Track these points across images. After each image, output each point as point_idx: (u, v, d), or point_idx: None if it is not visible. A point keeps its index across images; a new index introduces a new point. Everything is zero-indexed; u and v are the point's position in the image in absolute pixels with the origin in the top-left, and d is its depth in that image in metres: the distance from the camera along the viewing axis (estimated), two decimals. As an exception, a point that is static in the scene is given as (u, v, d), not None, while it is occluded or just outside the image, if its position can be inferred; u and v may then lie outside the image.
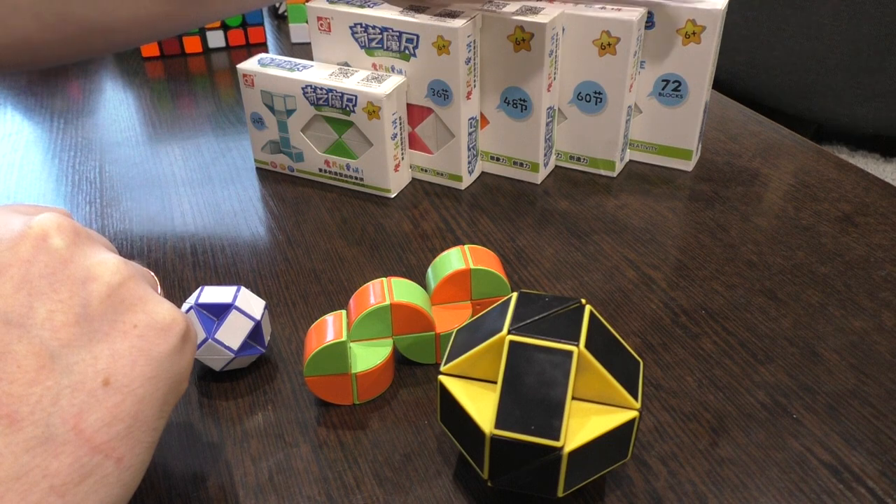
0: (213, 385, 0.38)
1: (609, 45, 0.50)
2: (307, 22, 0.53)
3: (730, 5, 1.43)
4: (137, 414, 0.25)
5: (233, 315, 0.36)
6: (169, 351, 0.26)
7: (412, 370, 0.39)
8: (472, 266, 0.38)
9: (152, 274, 0.30)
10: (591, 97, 0.53)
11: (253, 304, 0.37)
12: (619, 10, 0.50)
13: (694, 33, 0.50)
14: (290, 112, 0.53)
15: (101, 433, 0.24)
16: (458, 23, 0.48)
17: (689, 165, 0.56)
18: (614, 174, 0.55)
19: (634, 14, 0.49)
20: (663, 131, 0.55)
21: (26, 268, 0.24)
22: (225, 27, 0.79)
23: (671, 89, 0.53)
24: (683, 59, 0.52)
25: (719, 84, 1.48)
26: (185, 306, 0.37)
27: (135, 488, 0.25)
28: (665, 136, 0.56)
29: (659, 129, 0.56)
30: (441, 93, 0.51)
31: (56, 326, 0.24)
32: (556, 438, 0.28)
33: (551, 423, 0.28)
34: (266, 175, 0.57)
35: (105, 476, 0.24)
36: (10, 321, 0.23)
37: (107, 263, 0.26)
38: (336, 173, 0.54)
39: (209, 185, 0.56)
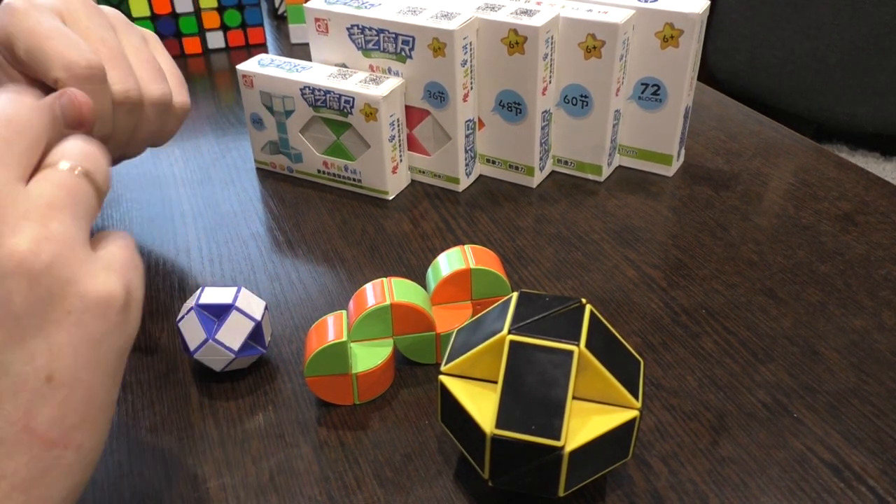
0: (214, 385, 0.38)
1: (595, 48, 0.50)
2: (306, 22, 0.53)
3: (729, 5, 1.43)
4: (90, 400, 0.24)
5: (233, 316, 0.36)
6: (110, 328, 0.24)
7: (413, 370, 0.39)
8: (472, 266, 0.38)
9: (122, 235, 0.27)
10: (577, 100, 0.53)
11: (253, 304, 0.37)
12: (606, 12, 0.49)
13: (672, 37, 0.50)
14: (288, 113, 0.53)
15: (54, 429, 0.23)
16: (453, 25, 0.48)
17: (669, 171, 0.56)
18: (601, 178, 0.55)
19: (620, 17, 0.49)
20: (643, 135, 0.55)
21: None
22: (224, 28, 0.79)
23: (650, 93, 0.53)
24: (662, 63, 0.51)
25: (719, 83, 1.48)
26: (186, 307, 0.37)
27: (97, 463, 0.25)
28: (645, 140, 0.55)
29: (639, 133, 0.55)
30: (437, 95, 0.51)
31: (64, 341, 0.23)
32: (557, 438, 0.27)
33: (552, 422, 0.28)
34: (266, 175, 0.57)
35: (68, 465, 0.24)
36: (16, 336, 0.22)
37: (21, 253, 0.23)
38: (334, 174, 0.54)
39: (209, 185, 0.56)
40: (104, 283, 0.24)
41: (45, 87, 0.40)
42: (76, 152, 0.27)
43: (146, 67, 0.41)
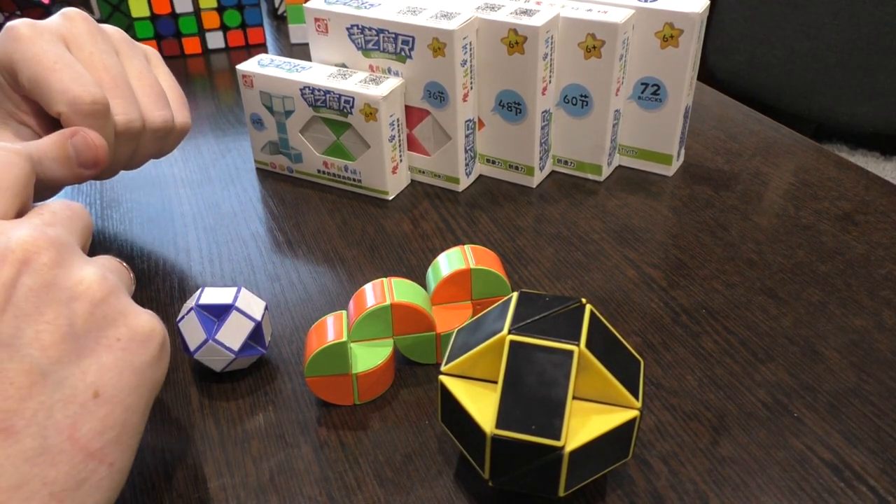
0: (214, 386, 0.38)
1: (594, 47, 0.50)
2: (306, 22, 0.53)
3: (729, 5, 1.43)
4: (126, 421, 0.26)
5: (233, 316, 0.36)
6: (150, 360, 0.28)
7: (413, 370, 0.39)
8: (472, 266, 0.38)
9: (125, 267, 0.31)
10: (576, 100, 0.53)
11: (253, 304, 0.37)
12: (606, 12, 0.49)
13: (672, 36, 0.50)
14: (288, 113, 0.53)
15: (95, 441, 0.25)
16: (453, 24, 0.48)
17: (669, 171, 0.56)
18: (601, 178, 0.55)
19: (620, 17, 0.49)
20: (643, 135, 0.55)
21: (10, 292, 0.25)
22: (224, 28, 0.79)
23: (650, 93, 0.53)
24: (662, 63, 0.51)
25: (719, 83, 1.48)
26: (186, 307, 0.37)
27: (122, 487, 0.27)
28: (645, 140, 0.55)
29: (639, 132, 0.55)
30: (437, 95, 0.51)
31: (45, 345, 0.25)
32: (557, 438, 0.27)
33: (552, 422, 0.28)
34: (266, 175, 0.57)
35: (99, 480, 0.25)
36: (0, 342, 0.24)
37: (88, 281, 0.27)
38: (334, 175, 0.54)
39: (209, 185, 0.56)
40: (149, 320, 0.28)
41: (46, 114, 0.40)
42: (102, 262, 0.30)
43: (149, 93, 0.42)
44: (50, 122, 0.41)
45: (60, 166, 0.37)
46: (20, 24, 0.39)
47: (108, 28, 0.43)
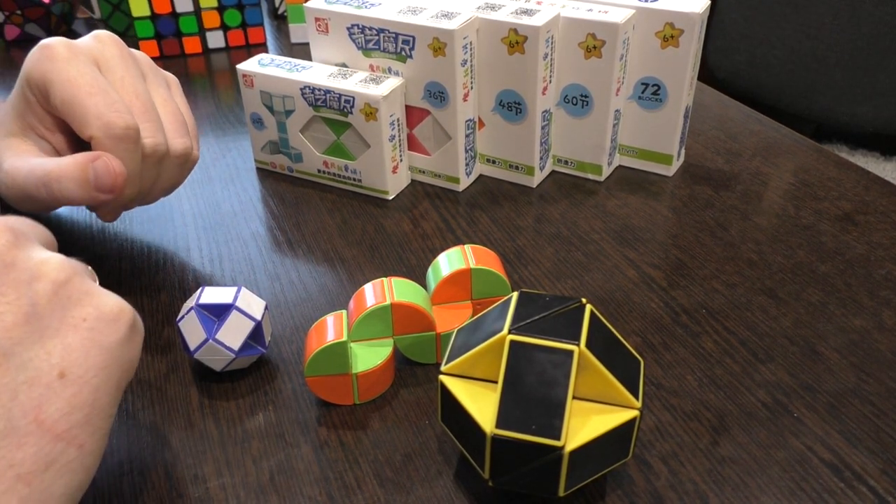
0: (214, 385, 0.38)
1: (595, 47, 0.50)
2: (306, 22, 0.53)
3: (729, 5, 1.43)
4: (94, 402, 0.26)
5: (233, 315, 0.36)
6: (119, 340, 0.27)
7: (413, 370, 0.39)
8: (472, 265, 0.38)
9: (90, 269, 0.31)
10: (577, 100, 0.53)
11: (253, 304, 0.37)
12: (606, 12, 0.49)
13: (672, 37, 0.50)
14: (288, 113, 0.53)
15: (62, 422, 0.25)
16: (453, 24, 0.48)
17: (669, 171, 0.56)
18: (601, 178, 0.55)
19: (620, 17, 0.49)
20: (643, 135, 0.55)
21: None
22: (224, 27, 0.79)
23: (650, 93, 0.53)
24: (662, 63, 0.51)
25: (719, 83, 1.48)
26: (186, 307, 0.37)
27: (94, 471, 0.27)
28: (645, 140, 0.55)
29: (639, 132, 0.55)
30: (437, 95, 0.51)
31: (6, 326, 0.24)
32: (557, 438, 0.27)
33: (552, 422, 0.28)
34: (266, 175, 0.57)
35: (68, 462, 0.25)
36: None
37: (50, 262, 0.27)
38: (334, 174, 0.54)
39: (209, 185, 0.56)
40: (116, 302, 0.28)
41: (66, 132, 0.41)
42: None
43: (171, 120, 0.43)
44: (68, 141, 0.42)
45: (78, 187, 0.38)
46: (56, 44, 0.40)
47: (137, 53, 0.43)
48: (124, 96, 0.40)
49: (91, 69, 0.39)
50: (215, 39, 0.80)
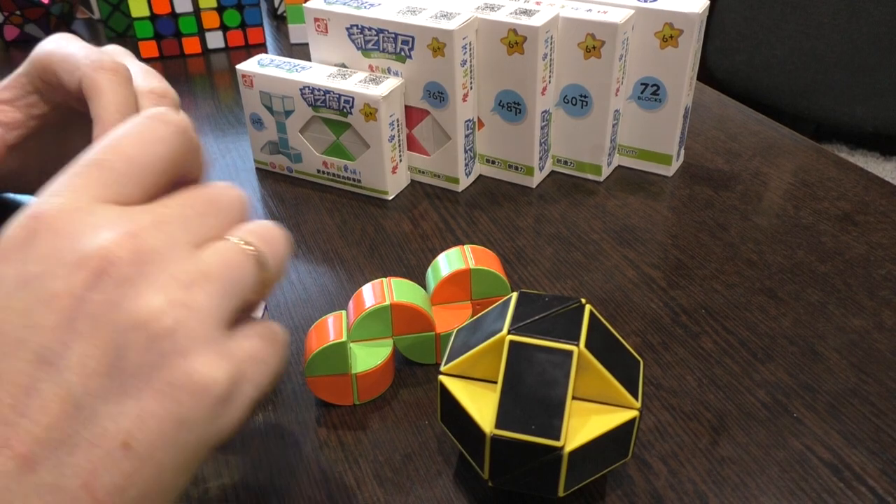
0: (214, 386, 0.38)
1: (594, 47, 0.50)
2: (305, 22, 0.53)
3: (729, 5, 1.43)
4: (155, 481, 0.23)
5: (233, 316, 0.36)
6: (202, 416, 0.23)
7: (412, 370, 0.39)
8: (472, 266, 0.38)
9: (278, 241, 0.26)
10: (576, 100, 0.53)
11: (253, 304, 0.37)
12: (605, 12, 0.49)
13: (671, 37, 0.50)
14: (288, 113, 0.53)
15: (112, 497, 0.22)
16: (453, 25, 0.48)
17: (669, 171, 0.56)
18: (601, 178, 0.55)
19: (620, 17, 0.49)
20: (643, 135, 0.55)
21: (74, 303, 0.22)
22: (224, 28, 0.79)
23: (650, 93, 0.53)
24: (662, 63, 0.51)
25: (719, 83, 1.48)
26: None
27: None
28: (645, 140, 0.55)
29: (639, 132, 0.55)
30: (437, 95, 0.51)
31: (87, 374, 0.21)
32: (557, 438, 0.27)
33: (552, 422, 0.28)
34: (266, 175, 0.57)
35: None
36: (44, 358, 0.21)
37: (157, 310, 0.22)
38: (334, 175, 0.54)
39: (209, 186, 0.56)
40: (209, 368, 0.23)
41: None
42: (256, 233, 0.26)
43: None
44: (20, 121, 0.43)
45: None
46: (59, 34, 0.41)
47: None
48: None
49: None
50: (215, 40, 0.80)
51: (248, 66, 0.54)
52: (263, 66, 0.53)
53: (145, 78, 0.41)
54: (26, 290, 0.22)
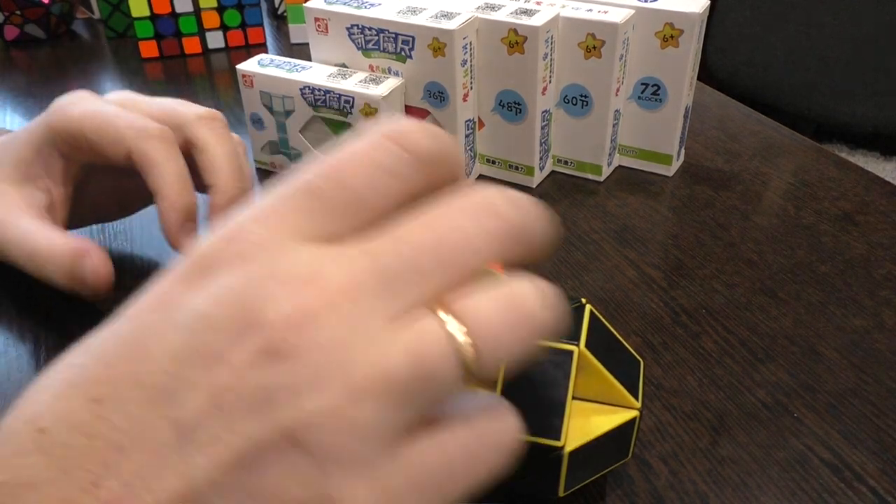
0: (214, 386, 0.38)
1: (594, 47, 0.50)
2: (306, 22, 0.53)
3: (729, 5, 1.43)
4: None
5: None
6: None
7: (412, 370, 0.39)
8: (472, 266, 0.38)
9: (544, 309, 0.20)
10: (576, 100, 0.53)
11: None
12: (606, 12, 0.49)
13: (672, 37, 0.50)
14: (288, 113, 0.53)
15: None
16: (453, 24, 0.48)
17: (669, 171, 0.55)
18: (601, 178, 0.55)
19: (620, 17, 0.49)
20: (643, 135, 0.55)
21: (230, 380, 0.18)
22: (224, 28, 0.79)
23: (650, 93, 0.53)
24: (662, 63, 0.51)
25: (719, 83, 1.48)
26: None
27: None
28: (645, 140, 0.55)
29: (639, 132, 0.55)
30: (437, 95, 0.51)
31: (216, 464, 0.18)
32: (557, 438, 0.27)
33: (552, 422, 0.28)
34: (266, 175, 0.57)
35: None
36: (182, 434, 0.18)
37: (314, 419, 0.17)
38: (336, 174, 0.54)
39: (209, 186, 0.56)
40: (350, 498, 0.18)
41: (72, 186, 0.43)
42: (488, 310, 0.20)
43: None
44: (67, 195, 0.42)
45: (58, 271, 0.38)
46: (80, 91, 0.41)
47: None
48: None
49: (115, 105, 0.41)
50: (215, 40, 0.80)
51: (248, 65, 0.54)
52: (263, 66, 0.53)
53: (184, 105, 0.42)
54: (191, 332, 0.18)
